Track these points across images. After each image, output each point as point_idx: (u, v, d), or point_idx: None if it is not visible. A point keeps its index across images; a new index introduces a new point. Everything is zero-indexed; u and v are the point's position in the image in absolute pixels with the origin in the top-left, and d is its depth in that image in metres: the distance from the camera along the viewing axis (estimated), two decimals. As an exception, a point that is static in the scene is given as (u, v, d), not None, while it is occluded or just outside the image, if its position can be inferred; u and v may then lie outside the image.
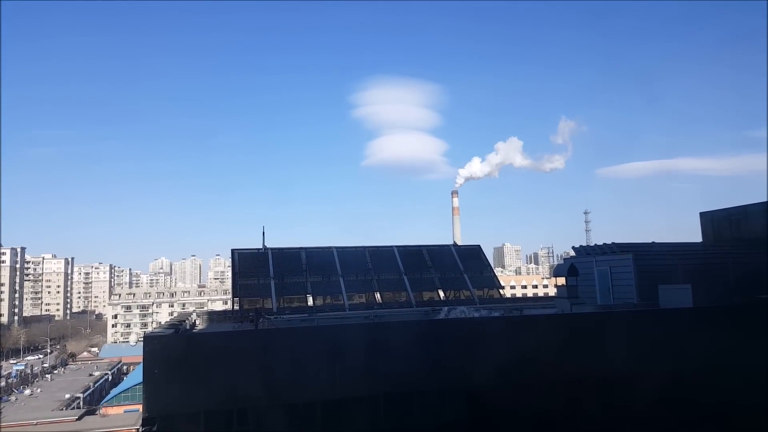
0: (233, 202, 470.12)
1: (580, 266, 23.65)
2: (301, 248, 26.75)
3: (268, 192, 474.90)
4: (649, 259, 22.83)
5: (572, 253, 27.30)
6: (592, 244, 26.10)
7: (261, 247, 26.62)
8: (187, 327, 18.69)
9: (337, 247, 27.13)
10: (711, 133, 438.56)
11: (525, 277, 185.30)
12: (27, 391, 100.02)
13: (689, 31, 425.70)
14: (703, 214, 29.56)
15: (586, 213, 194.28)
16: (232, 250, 25.77)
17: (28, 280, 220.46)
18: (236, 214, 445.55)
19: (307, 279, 24.81)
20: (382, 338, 15.19)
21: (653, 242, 25.56)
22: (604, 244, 24.24)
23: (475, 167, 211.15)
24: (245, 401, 13.29)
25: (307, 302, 25.02)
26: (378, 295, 25.82)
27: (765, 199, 26.18)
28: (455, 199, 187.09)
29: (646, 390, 15.50)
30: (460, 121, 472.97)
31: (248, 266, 25.06)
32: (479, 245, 30.09)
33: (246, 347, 14.32)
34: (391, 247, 27.99)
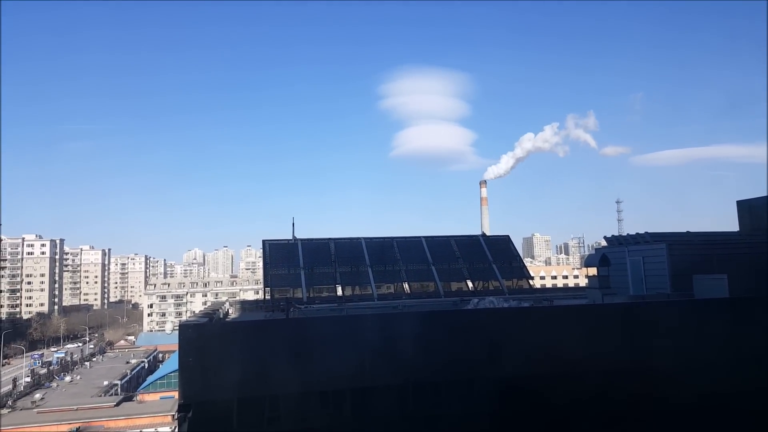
0: (264, 193, 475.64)
1: (612, 256, 23.30)
2: (329, 239, 26.96)
3: (298, 183, 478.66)
4: (683, 249, 22.36)
5: (603, 243, 26.91)
6: (625, 234, 25.68)
7: (291, 237, 26.94)
8: (221, 316, 19.10)
9: (365, 238, 27.26)
10: (749, 119, 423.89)
11: (555, 268, 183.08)
12: (67, 378, 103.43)
13: (730, 20, 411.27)
14: (740, 203, 28.74)
15: (618, 202, 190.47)
16: (263, 241, 26.11)
17: (67, 271, 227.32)
18: (267, 205, 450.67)
19: (336, 269, 25.01)
20: (410, 328, 15.27)
21: (688, 231, 25.04)
22: (637, 233, 23.84)
23: (505, 163, 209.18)
24: (276, 388, 13.56)
25: (336, 292, 25.24)
26: (406, 286, 25.87)
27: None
28: (483, 190, 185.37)
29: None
30: (489, 110, 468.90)
31: (278, 257, 25.39)
32: (508, 235, 29.85)
33: (277, 336, 14.59)
34: (419, 237, 27.98)
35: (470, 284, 26.30)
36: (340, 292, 25.07)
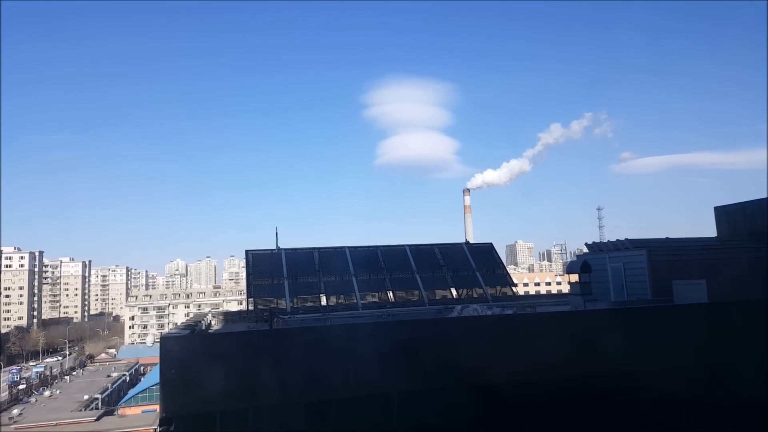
0: (247, 202, 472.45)
1: (594, 263, 23.58)
2: (314, 248, 26.91)
3: (282, 192, 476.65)
4: (663, 255, 22.68)
5: (585, 249, 27.19)
6: (606, 241, 25.97)
7: (275, 247, 26.83)
8: (203, 327, 18.92)
9: (349, 247, 27.26)
10: (726, 128, 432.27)
11: (538, 275, 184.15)
12: (47, 393, 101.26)
13: (706, 28, 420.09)
14: (717, 209, 29.28)
15: (599, 209, 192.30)
16: (246, 251, 25.98)
17: (47, 284, 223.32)
18: (250, 215, 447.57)
19: (321, 279, 24.97)
20: (395, 337, 15.28)
21: (667, 238, 25.40)
22: (618, 240, 24.13)
23: (489, 177, 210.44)
24: (260, 400, 13.46)
25: (320, 302, 25.17)
26: (391, 294, 25.90)
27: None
28: (467, 198, 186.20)
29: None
30: (473, 119, 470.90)
31: (262, 267, 25.28)
32: (491, 243, 30.07)
33: (261, 347, 14.50)
34: (404, 246, 28.06)
35: (454, 292, 26.41)
36: (324, 301, 25.00)
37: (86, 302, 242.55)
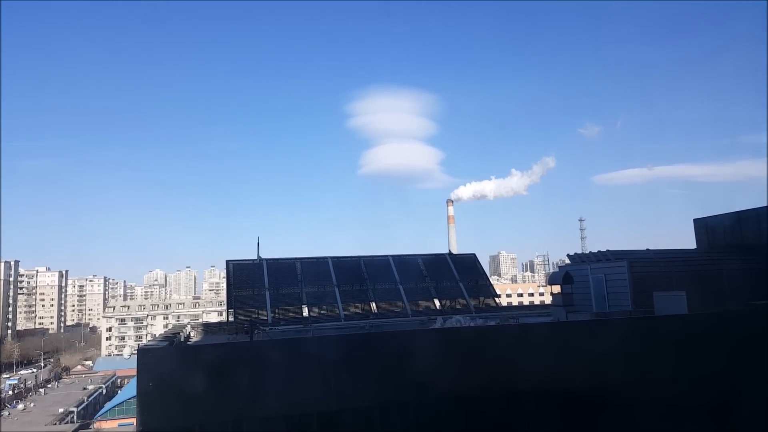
0: (228, 212, 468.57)
1: (575, 274, 23.70)
2: (296, 259, 26.67)
3: (263, 202, 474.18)
4: (644, 266, 22.89)
5: (567, 260, 27.34)
6: (587, 252, 26.14)
7: (256, 258, 26.53)
8: (182, 339, 18.59)
9: (332, 257, 27.07)
10: (706, 140, 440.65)
11: (521, 285, 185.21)
12: (20, 406, 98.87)
13: (683, 38, 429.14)
14: (697, 221, 29.69)
15: (581, 220, 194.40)
16: (227, 261, 25.65)
17: (22, 294, 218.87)
18: (231, 225, 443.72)
19: (302, 289, 24.72)
20: (378, 348, 15.15)
21: (648, 249, 25.64)
22: (599, 251, 24.29)
23: (470, 191, 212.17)
24: (240, 413, 13.20)
25: (302, 313, 24.90)
26: (374, 305, 25.73)
27: (760, 206, 26.29)
28: (450, 208, 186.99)
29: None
30: (456, 129, 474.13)
31: (243, 277, 24.96)
32: (474, 254, 30.09)
33: (241, 359, 14.24)
34: (387, 256, 27.94)
35: (437, 303, 26.32)
36: (306, 312, 24.74)
37: (62, 313, 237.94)
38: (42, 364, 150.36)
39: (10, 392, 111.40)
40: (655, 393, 15.69)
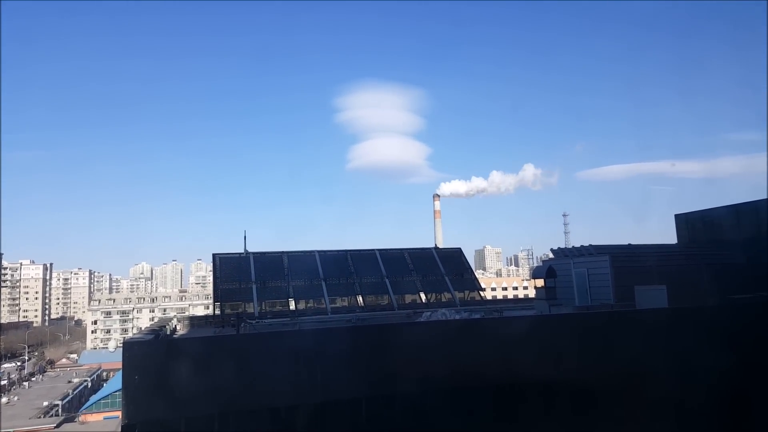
0: (215, 206, 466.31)
1: (558, 268, 24.04)
2: (283, 252, 26.73)
3: (250, 195, 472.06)
4: (626, 261, 23.28)
5: (551, 255, 27.69)
6: (571, 246, 26.51)
7: (242, 251, 26.55)
8: (168, 332, 18.62)
9: (319, 251, 27.18)
10: (688, 136, 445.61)
11: (506, 279, 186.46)
12: (4, 399, 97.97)
13: (671, 36, 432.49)
14: (678, 216, 30.19)
15: (564, 215, 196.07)
16: (214, 255, 25.65)
17: (6, 287, 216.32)
18: (218, 219, 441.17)
19: (289, 283, 24.80)
20: (364, 341, 15.32)
21: (630, 244, 26.06)
22: (582, 246, 24.64)
23: (458, 187, 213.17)
24: (227, 406, 13.31)
25: (289, 306, 25.02)
26: (360, 299, 25.91)
27: (739, 201, 26.81)
28: (437, 203, 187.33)
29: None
30: (444, 125, 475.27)
31: (229, 270, 24.98)
32: (460, 248, 30.36)
33: (227, 352, 14.34)
34: (373, 250, 28.11)
35: (423, 296, 26.56)
36: (293, 306, 24.86)
37: (47, 306, 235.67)
38: (26, 358, 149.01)
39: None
40: (625, 385, 16.02)
